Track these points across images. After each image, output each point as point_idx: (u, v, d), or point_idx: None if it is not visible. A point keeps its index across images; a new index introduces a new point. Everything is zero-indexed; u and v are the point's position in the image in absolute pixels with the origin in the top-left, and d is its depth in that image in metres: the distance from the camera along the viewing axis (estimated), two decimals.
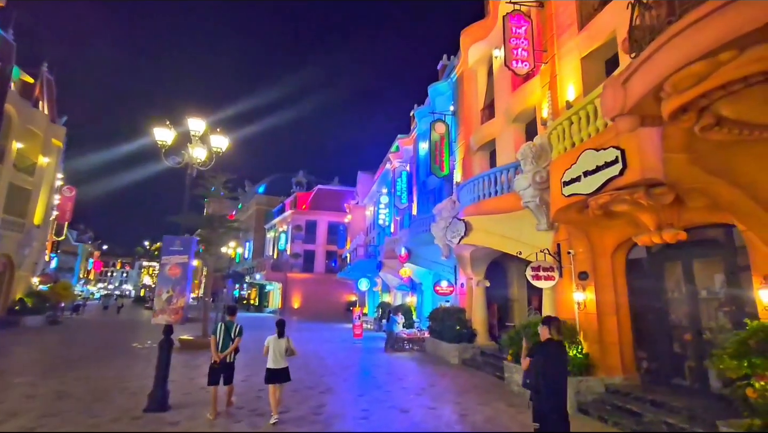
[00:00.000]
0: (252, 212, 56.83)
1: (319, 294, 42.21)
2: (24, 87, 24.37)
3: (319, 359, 13.19)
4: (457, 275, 15.92)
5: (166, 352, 7.07)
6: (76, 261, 74.98)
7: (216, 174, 16.90)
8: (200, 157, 8.04)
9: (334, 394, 8.64)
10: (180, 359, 12.43)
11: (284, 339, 6.71)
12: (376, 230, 33.13)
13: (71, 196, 30.20)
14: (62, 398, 7.56)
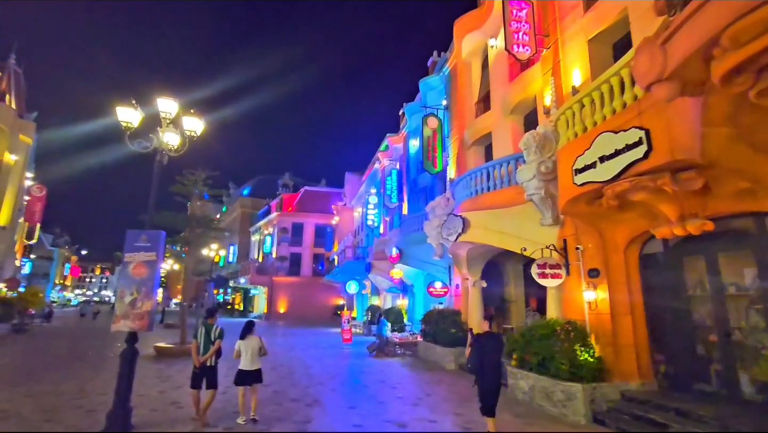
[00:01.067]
0: (237, 215, 55.38)
1: (306, 298, 41.07)
2: None
3: (305, 367, 12.28)
4: (451, 275, 15.20)
5: (128, 364, 6.12)
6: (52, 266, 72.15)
7: (195, 171, 15.90)
8: (172, 142, 7.12)
9: (321, 407, 7.77)
10: (153, 368, 11.41)
11: (255, 339, 6.74)
12: (365, 232, 32.32)
13: (41, 196, 28.60)
14: (5, 419, 6.52)
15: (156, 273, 6.41)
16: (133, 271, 6.36)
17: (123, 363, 6.09)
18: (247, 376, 6.56)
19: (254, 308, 47.46)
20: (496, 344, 6.01)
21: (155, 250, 6.46)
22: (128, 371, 6.07)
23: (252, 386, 6.62)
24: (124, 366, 6.07)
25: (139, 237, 6.48)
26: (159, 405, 7.53)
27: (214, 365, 6.71)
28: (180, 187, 15.35)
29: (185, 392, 8.54)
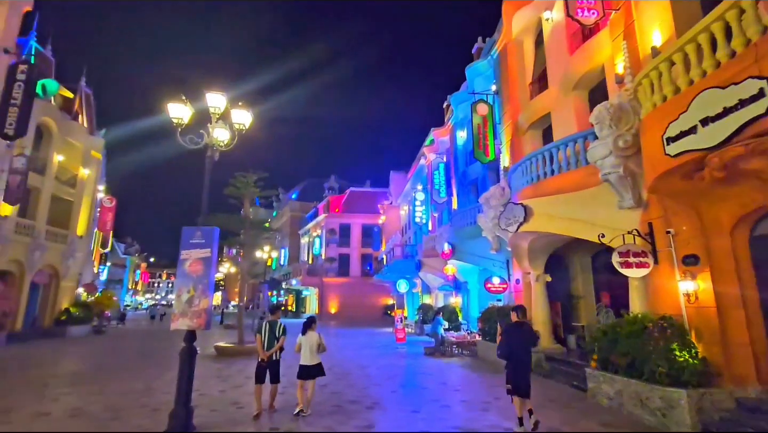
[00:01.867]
0: (286, 219, 56.90)
1: (355, 298, 41.19)
2: (64, 101, 24.97)
3: (360, 367, 11.91)
4: (510, 270, 14.22)
5: (187, 362, 5.99)
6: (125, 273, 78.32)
7: (246, 173, 16.16)
8: (222, 137, 6.99)
9: (382, 410, 7.31)
10: (214, 368, 11.57)
11: (315, 334, 6.88)
12: (413, 229, 31.72)
13: (112, 207, 30.79)
14: (77, 417, 6.66)
15: (211, 270, 6.25)
16: (189, 268, 6.25)
17: (182, 362, 5.97)
18: (308, 370, 6.74)
19: (306, 309, 48.43)
20: (524, 332, 6.36)
21: (210, 246, 6.31)
22: (188, 370, 5.95)
23: (313, 379, 6.79)
24: (183, 365, 5.95)
25: (194, 234, 6.36)
26: (219, 405, 7.43)
27: (278, 360, 7.07)
28: (233, 190, 15.66)
29: (245, 392, 8.47)
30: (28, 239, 19.91)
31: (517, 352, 6.14)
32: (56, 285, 22.77)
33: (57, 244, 22.17)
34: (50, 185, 21.86)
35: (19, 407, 7.17)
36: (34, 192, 20.86)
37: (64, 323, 22.10)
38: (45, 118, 21.33)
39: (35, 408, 7.13)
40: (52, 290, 22.65)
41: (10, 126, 11.58)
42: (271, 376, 6.92)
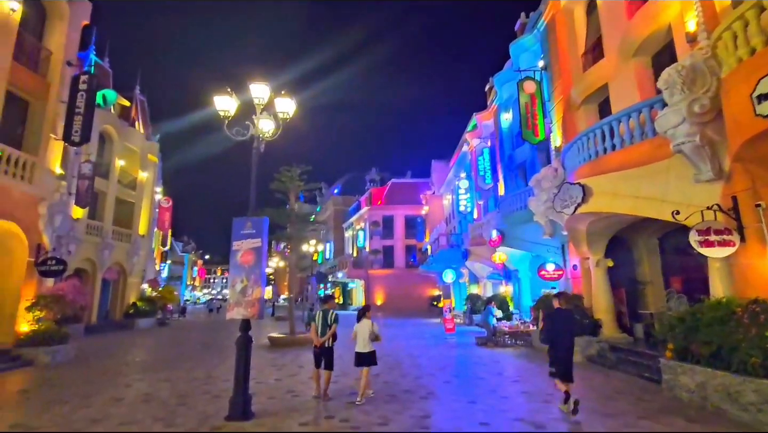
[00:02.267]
0: (330, 213, 57.86)
1: (401, 289, 41.18)
2: (122, 109, 26.69)
3: (411, 357, 11.76)
4: (566, 255, 13.44)
5: (244, 351, 6.09)
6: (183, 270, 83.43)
7: (290, 167, 16.41)
8: (266, 128, 7.01)
9: (437, 400, 7.09)
10: (268, 357, 11.89)
11: (368, 322, 6.99)
12: (457, 218, 31.06)
13: (168, 207, 32.73)
14: (148, 402, 7.02)
15: (262, 260, 6.30)
16: (241, 259, 6.33)
17: (239, 350, 6.08)
18: (362, 358, 6.91)
19: (353, 301, 49.16)
20: (566, 318, 6.51)
21: (260, 236, 6.36)
22: (244, 358, 6.05)
23: (368, 367, 6.89)
24: (240, 353, 6.06)
25: (245, 224, 6.44)
26: (276, 393, 7.55)
27: (331, 347, 7.21)
28: (278, 184, 15.97)
29: (299, 381, 8.59)
30: (98, 238, 21.56)
31: (559, 337, 6.33)
32: (124, 281, 24.57)
33: (122, 243, 23.86)
34: (114, 188, 23.51)
35: (97, 393, 7.69)
36: (100, 195, 22.50)
37: (132, 316, 23.87)
38: (106, 126, 22.89)
39: (111, 394, 7.62)
40: (120, 286, 24.47)
41: (76, 133, 12.44)
42: (325, 363, 7.08)
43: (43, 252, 11.95)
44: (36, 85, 12.20)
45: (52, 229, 12.30)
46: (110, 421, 5.93)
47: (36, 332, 11.08)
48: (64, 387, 8.32)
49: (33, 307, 11.26)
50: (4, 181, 10.85)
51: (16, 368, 10.24)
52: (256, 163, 6.84)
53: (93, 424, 5.81)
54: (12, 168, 11.11)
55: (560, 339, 6.29)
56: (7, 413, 6.57)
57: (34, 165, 11.80)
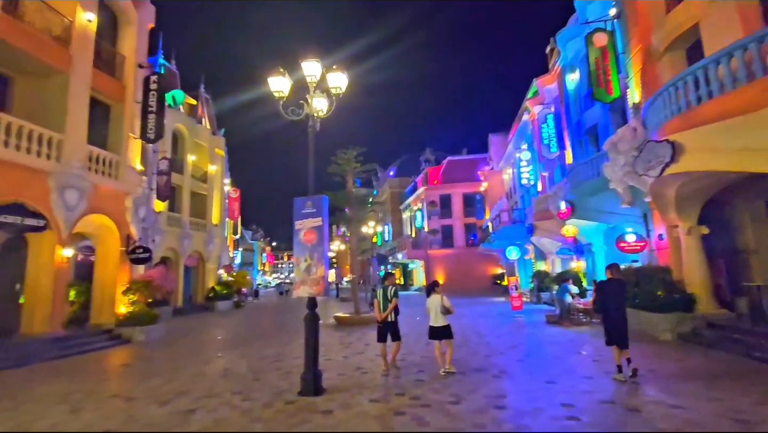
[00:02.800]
0: (387, 196, 58.06)
1: (461, 269, 40.46)
2: (190, 108, 28.50)
3: (478, 336, 11.41)
4: (649, 225, 12.13)
5: (312, 328, 6.17)
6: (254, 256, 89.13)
7: (345, 150, 16.47)
8: (320, 106, 6.90)
9: (511, 379, 6.73)
10: (336, 336, 12.19)
11: (438, 297, 7.16)
12: (519, 193, 29.57)
13: (236, 197, 34.75)
14: (226, 377, 7.45)
15: (324, 238, 6.28)
16: (304, 238, 6.36)
17: (307, 328, 6.16)
18: (436, 331, 7.11)
19: (413, 281, 49.34)
20: (618, 288, 6.70)
21: (320, 214, 6.33)
22: (313, 336, 6.12)
23: (447, 340, 7.10)
24: (308, 330, 6.14)
25: (305, 203, 6.44)
26: (345, 370, 7.65)
27: (395, 321, 7.51)
28: (335, 167, 16.13)
29: (367, 358, 8.65)
30: (178, 229, 23.46)
31: (611, 306, 6.58)
32: (203, 267, 26.65)
33: (199, 232, 25.78)
34: (188, 182, 25.33)
35: (183, 368, 8.34)
36: (177, 189, 24.36)
37: (212, 299, 25.90)
38: (178, 124, 24.58)
39: (194, 369, 8.21)
40: (200, 272, 26.59)
41: (151, 131, 13.41)
42: (392, 335, 7.45)
43: (132, 241, 13.15)
44: (115, 89, 13.24)
45: (137, 220, 13.49)
46: (194, 393, 6.34)
47: (131, 314, 12.32)
48: (155, 362, 9.14)
49: (127, 291, 12.49)
50: (96, 179, 11.98)
51: (118, 345, 11.48)
52: (312, 142, 6.78)
53: (179, 395, 6.25)
54: (101, 167, 12.25)
55: (613, 308, 6.56)
56: (113, 384, 7.33)
57: (118, 163, 12.92)
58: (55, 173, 10.67)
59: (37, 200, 10.28)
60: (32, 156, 10.17)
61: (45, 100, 11.40)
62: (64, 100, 11.26)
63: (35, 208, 10.21)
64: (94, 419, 5.31)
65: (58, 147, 10.90)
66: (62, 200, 10.78)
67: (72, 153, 11.13)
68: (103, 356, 9.98)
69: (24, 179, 9.98)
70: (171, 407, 5.71)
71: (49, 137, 10.65)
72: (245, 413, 5.34)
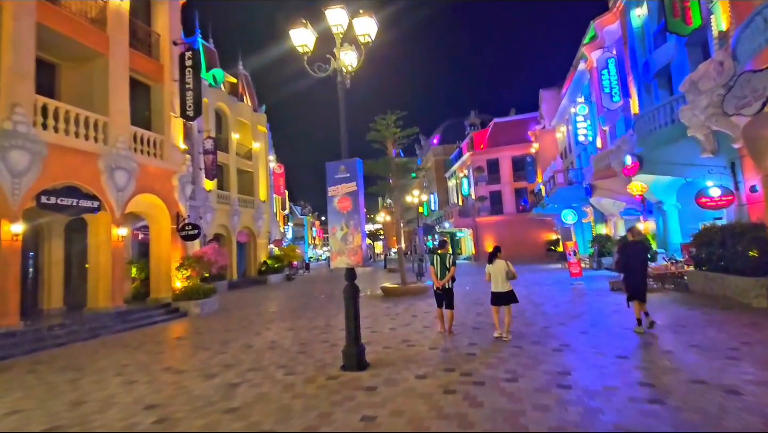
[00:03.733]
0: (431, 165, 56.63)
1: (513, 236, 38.83)
2: (231, 87, 28.78)
3: (535, 305, 10.61)
4: (738, 176, 10.45)
5: (353, 301, 5.79)
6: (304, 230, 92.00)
7: (384, 115, 15.68)
8: (349, 60, 6.24)
9: (575, 353, 6.00)
10: (383, 307, 11.94)
11: (502, 262, 7.04)
12: (575, 152, 27.35)
13: (281, 173, 35.28)
14: (273, 349, 7.38)
15: (360, 204, 5.78)
16: (338, 205, 5.90)
17: (347, 300, 5.79)
18: (500, 297, 7.01)
19: (462, 250, 48.41)
20: (639, 249, 7.17)
21: (354, 179, 5.81)
22: (353, 308, 5.75)
23: (507, 306, 7.00)
24: (348, 303, 5.77)
25: (338, 168, 5.94)
26: (391, 342, 7.30)
27: (451, 288, 7.50)
28: (374, 134, 15.46)
29: (413, 330, 8.25)
30: (228, 206, 24.20)
31: (632, 265, 7.07)
32: (254, 243, 27.55)
33: (247, 209, 26.50)
34: (234, 160, 25.88)
35: (233, 340, 8.43)
36: (224, 168, 25.00)
37: (264, 272, 26.85)
38: (220, 103, 24.93)
39: (244, 341, 8.27)
40: (252, 247, 27.54)
41: (190, 108, 13.48)
42: (446, 303, 7.47)
43: (182, 219, 13.53)
44: (152, 68, 13.34)
45: (185, 198, 13.82)
46: (241, 366, 6.28)
47: (186, 288, 12.81)
48: (207, 334, 9.36)
49: (180, 267, 12.96)
50: (143, 160, 12.28)
51: (176, 318, 12.01)
52: (343, 99, 6.18)
53: (226, 369, 6.21)
54: (146, 147, 12.52)
55: (633, 268, 7.06)
56: (166, 356, 7.52)
57: (162, 142, 13.16)
58: (104, 155, 11.00)
59: (90, 182, 10.67)
60: (81, 140, 10.50)
61: (88, 84, 11.67)
62: (106, 83, 11.46)
63: (88, 190, 10.62)
64: (145, 392, 5.35)
65: (104, 129, 11.19)
66: (112, 181, 11.14)
67: (117, 135, 11.39)
68: (160, 329, 10.44)
69: (76, 163, 10.36)
70: (218, 380, 5.66)
71: (95, 120, 10.92)
72: (287, 387, 5.13)
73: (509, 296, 6.98)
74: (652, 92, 15.89)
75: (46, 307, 11.81)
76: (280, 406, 4.56)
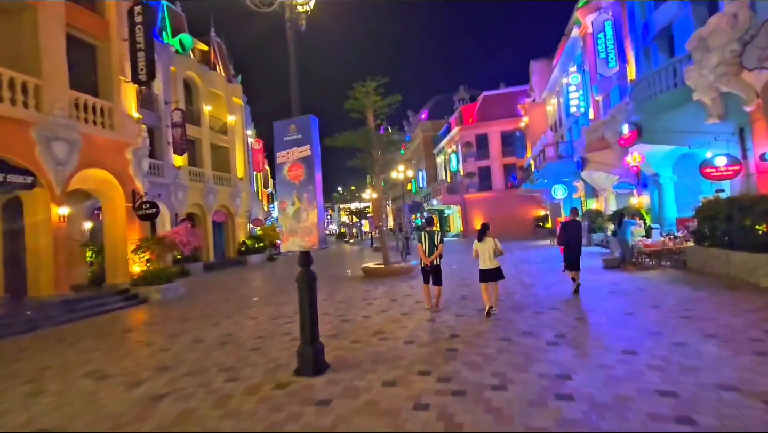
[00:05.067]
0: (419, 141, 55.18)
1: (501, 213, 38.17)
2: (201, 55, 26.76)
3: (525, 287, 9.77)
4: (747, 143, 9.55)
5: (307, 293, 4.74)
6: None
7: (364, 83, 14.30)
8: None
9: (574, 347, 5.11)
10: (361, 290, 11.01)
11: (490, 240, 7.03)
12: (566, 125, 26.35)
13: (260, 149, 33.60)
14: (224, 345, 6.37)
15: (314, 172, 4.66)
16: (289, 174, 4.78)
17: (301, 292, 4.75)
18: (488, 274, 6.99)
19: (450, 227, 47.72)
20: (577, 227, 8.78)
21: (308, 141, 4.67)
22: (308, 301, 4.72)
23: (495, 282, 7.04)
24: (303, 294, 4.73)
25: (287, 128, 4.78)
26: (362, 335, 6.34)
27: (439, 265, 7.54)
28: (353, 103, 14.12)
29: (390, 318, 7.31)
30: (201, 184, 22.73)
31: (572, 241, 8.49)
32: (232, 222, 26.22)
33: (224, 186, 25.04)
34: (207, 134, 24.20)
35: (184, 333, 7.41)
36: (196, 143, 23.38)
37: (244, 253, 25.67)
38: (188, 72, 23.06)
39: (196, 334, 7.25)
40: (230, 227, 26.22)
41: (142, 71, 11.98)
42: (434, 279, 7.51)
43: (138, 197, 12.23)
44: (97, 25, 11.73)
45: (141, 173, 12.47)
46: (178, 370, 5.26)
47: (146, 273, 11.65)
48: (160, 325, 8.31)
49: (137, 249, 11.76)
50: (88, 130, 10.86)
51: (134, 305, 10.90)
52: (294, 42, 4.96)
53: (159, 373, 5.18)
54: (91, 115, 11.07)
55: (572, 243, 8.48)
56: (97, 355, 6.41)
57: (111, 110, 11.70)
58: (38, 124, 9.57)
59: (21, 155, 9.30)
60: (6, 105, 9.04)
61: (17, 41, 10.08)
62: (35, 38, 9.89)
63: (18, 163, 9.25)
64: (46, 409, 4.30)
65: (37, 93, 9.71)
66: (49, 154, 9.76)
67: (53, 100, 9.93)
68: (110, 319, 9.34)
69: (2, 132, 8.94)
70: (142, 389, 4.63)
71: (23, 82, 9.44)
72: (220, 402, 4.12)
73: (497, 273, 7.02)
74: (651, 57, 14.80)
75: None
76: (202, 429, 3.56)
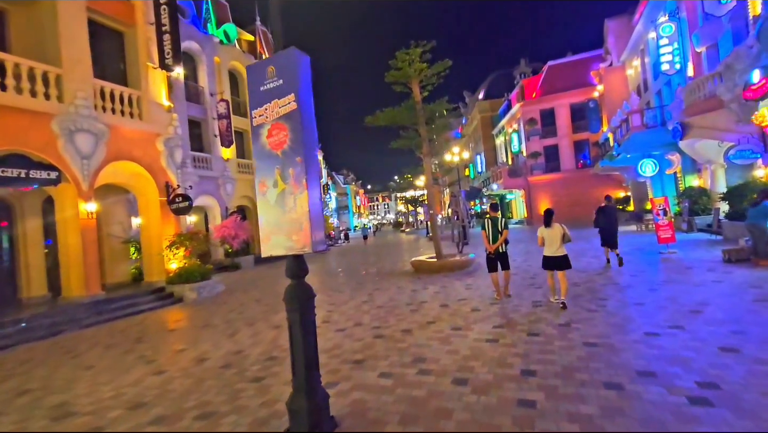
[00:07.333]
0: (477, 122, 51.77)
1: (572, 196, 34.35)
2: (248, 45, 26.42)
3: (618, 289, 7.48)
4: None
5: (300, 319, 3.19)
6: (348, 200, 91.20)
7: (408, 49, 12.40)
8: None
9: (734, 410, 3.04)
10: (407, 290, 9.34)
11: (558, 226, 6.59)
12: (654, 88, 22.32)
13: None
14: (225, 369, 5.05)
15: (304, 135, 3.04)
16: (269, 140, 3.20)
17: (291, 316, 3.20)
18: (553, 261, 6.59)
19: (513, 214, 44.26)
20: (612, 212, 10.16)
21: (294, 89, 3.05)
22: (303, 332, 3.16)
23: (562, 271, 6.52)
24: (293, 323, 3.18)
25: (264, 71, 3.20)
26: (396, 364, 4.69)
27: (505, 252, 7.34)
28: (395, 74, 12.31)
29: (435, 335, 5.51)
30: (250, 176, 22.37)
31: (606, 225, 9.93)
32: None
33: None
34: None
35: (192, 348, 6.29)
36: (244, 134, 23.06)
37: None
38: (233, 62, 22.68)
39: (204, 350, 6.08)
40: None
41: (168, 55, 11.24)
42: (502, 265, 7.31)
43: (172, 190, 11.59)
44: (122, 9, 11.11)
45: (174, 165, 11.81)
46: (149, 412, 4.00)
47: (181, 270, 10.99)
48: (175, 335, 7.35)
49: (171, 245, 11.12)
50: (115, 121, 10.28)
51: (167, 305, 10.25)
52: None
53: (129, 412, 3.97)
54: (118, 105, 10.47)
55: (608, 226, 9.88)
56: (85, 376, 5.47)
57: (139, 99, 11.06)
58: (60, 115, 9.04)
59: (42, 149, 8.81)
60: (26, 96, 8.55)
61: (36, 29, 9.62)
62: (55, 25, 9.33)
63: (41, 158, 8.77)
64: None
65: (58, 83, 9.18)
66: (73, 147, 9.22)
67: (75, 90, 9.36)
68: (132, 325, 8.60)
69: (21, 125, 8.47)
70: None
71: (44, 71, 8.91)
72: None
73: (563, 261, 6.52)
74: None
75: (26, 296, 10.52)
76: None
